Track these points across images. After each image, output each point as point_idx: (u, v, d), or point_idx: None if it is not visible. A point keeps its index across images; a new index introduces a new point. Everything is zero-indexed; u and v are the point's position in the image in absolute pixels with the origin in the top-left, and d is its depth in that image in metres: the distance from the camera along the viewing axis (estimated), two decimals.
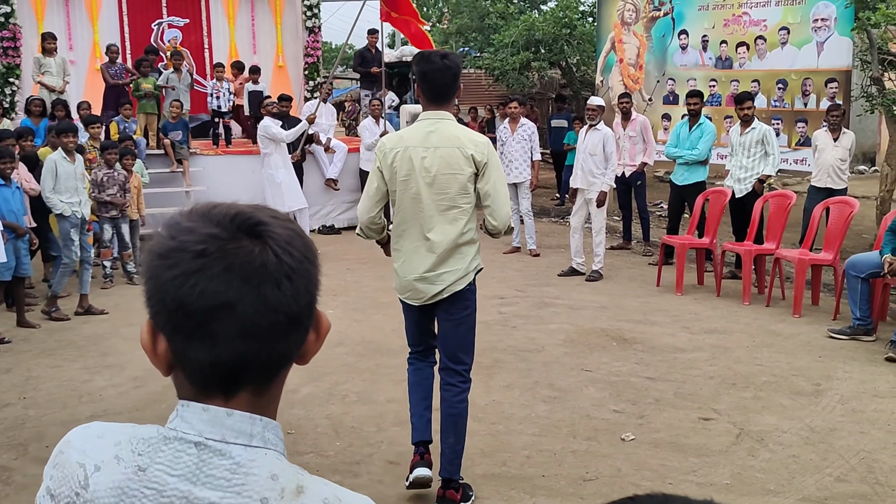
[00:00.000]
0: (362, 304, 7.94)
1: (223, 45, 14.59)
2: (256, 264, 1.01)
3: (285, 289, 1.02)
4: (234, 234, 1.02)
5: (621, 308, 7.71)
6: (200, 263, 0.99)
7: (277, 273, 1.02)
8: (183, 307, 0.99)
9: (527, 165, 10.20)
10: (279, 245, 1.03)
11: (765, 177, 8.60)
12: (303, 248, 1.06)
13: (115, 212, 8.66)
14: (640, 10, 12.57)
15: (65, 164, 7.50)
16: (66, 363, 6.33)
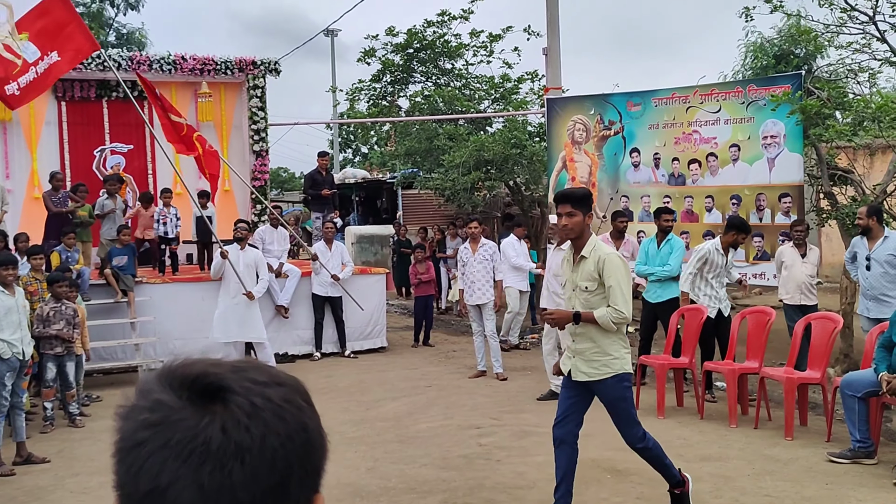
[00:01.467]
0: (331, 441, 7.35)
1: (168, 170, 14.18)
2: (198, 441, 0.85)
3: (233, 472, 0.85)
4: (185, 402, 0.88)
5: (606, 435, 7.27)
6: (141, 437, 0.87)
7: (223, 452, 0.85)
8: (121, 488, 0.89)
9: (490, 286, 9.94)
10: (236, 417, 0.87)
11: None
12: (274, 421, 0.89)
13: (61, 349, 8.03)
14: (591, 130, 12.72)
15: (3, 299, 6.91)
16: None
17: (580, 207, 4.95)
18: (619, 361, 4.98)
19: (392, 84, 17.83)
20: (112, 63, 13.30)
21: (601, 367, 4.97)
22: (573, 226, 4.93)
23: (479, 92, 17.60)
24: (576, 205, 4.95)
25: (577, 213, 4.93)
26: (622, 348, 5.02)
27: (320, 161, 13.53)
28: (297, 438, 0.92)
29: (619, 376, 4.98)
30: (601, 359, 4.97)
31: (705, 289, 8.47)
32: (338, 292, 11.63)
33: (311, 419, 0.97)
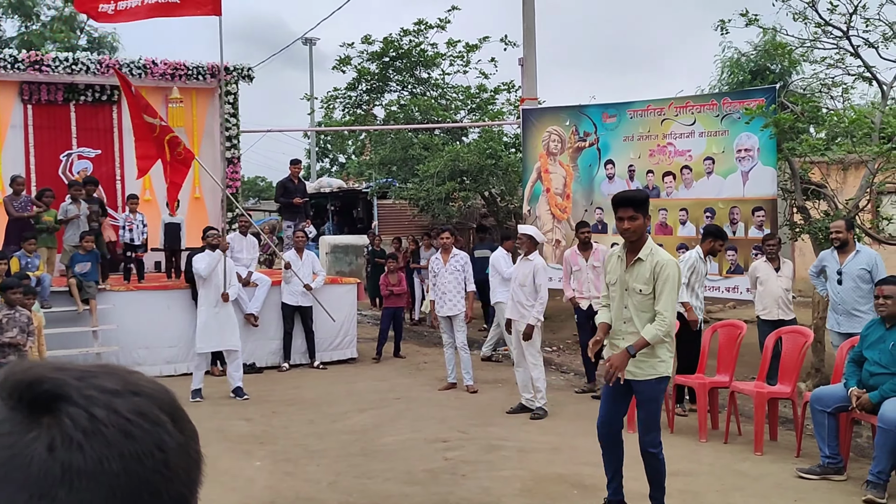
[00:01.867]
0: (293, 454, 7.20)
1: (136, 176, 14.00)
2: (16, 462, 0.70)
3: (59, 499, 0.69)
4: (13, 413, 0.73)
5: (575, 449, 7.19)
6: None
7: (45, 476, 0.70)
8: None
9: (461, 297, 9.80)
10: (67, 433, 0.71)
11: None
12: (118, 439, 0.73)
13: (14, 356, 7.78)
14: (566, 141, 12.64)
15: None
16: None
17: (641, 210, 5.11)
18: (664, 365, 5.19)
19: (368, 93, 17.69)
20: (81, 67, 13.15)
21: (648, 368, 5.16)
22: (635, 228, 5.07)
23: (455, 102, 17.50)
24: (637, 208, 5.10)
25: (639, 217, 5.08)
26: (668, 353, 5.23)
27: (292, 169, 13.36)
28: (148, 460, 0.75)
29: (661, 378, 5.21)
30: (649, 360, 5.15)
31: (693, 299, 8.39)
32: (308, 302, 11.44)
33: (172, 436, 0.78)
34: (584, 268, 9.78)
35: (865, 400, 6.11)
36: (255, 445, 7.48)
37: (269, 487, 6.30)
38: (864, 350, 6.41)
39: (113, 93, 13.78)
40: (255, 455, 7.16)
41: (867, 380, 6.26)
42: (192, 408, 9.06)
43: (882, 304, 6.29)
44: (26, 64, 12.84)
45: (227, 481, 6.46)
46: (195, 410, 8.90)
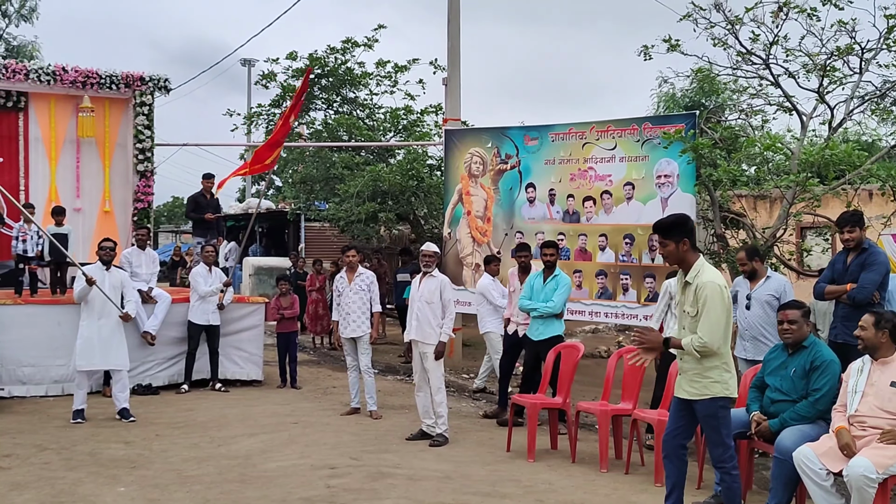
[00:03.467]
0: (164, 479, 6.65)
1: (42, 186, 13.37)
2: None
3: None
4: None
5: (467, 478, 6.78)
6: None
7: None
8: None
9: (366, 318, 9.36)
10: None
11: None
12: None
13: None
14: (488, 163, 12.37)
15: None
16: None
17: (669, 237, 5.17)
18: (719, 385, 5.14)
19: None
20: None
21: (701, 388, 5.16)
22: (667, 255, 5.24)
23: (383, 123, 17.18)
24: (664, 235, 5.19)
25: (669, 243, 5.17)
26: (725, 373, 5.15)
27: (205, 183, 12.82)
28: None
29: (716, 399, 5.15)
30: (701, 381, 5.16)
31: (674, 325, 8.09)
32: (217, 321, 10.89)
33: None
34: (518, 290, 9.39)
35: (765, 427, 5.85)
36: (125, 470, 6.91)
37: None
38: (765, 376, 6.16)
39: (20, 99, 13.15)
40: (121, 480, 6.60)
41: (768, 406, 6.01)
42: (70, 429, 8.45)
43: (787, 329, 6.04)
44: None
45: None
46: (72, 432, 8.31)
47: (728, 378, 5.16)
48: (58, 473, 6.77)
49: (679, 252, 5.16)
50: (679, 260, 5.20)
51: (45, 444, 7.80)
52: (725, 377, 5.15)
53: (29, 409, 9.47)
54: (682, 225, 5.22)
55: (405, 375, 12.53)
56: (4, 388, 9.90)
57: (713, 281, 5.09)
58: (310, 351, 15.43)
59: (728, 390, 5.16)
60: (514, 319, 9.44)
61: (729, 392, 5.18)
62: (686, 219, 5.38)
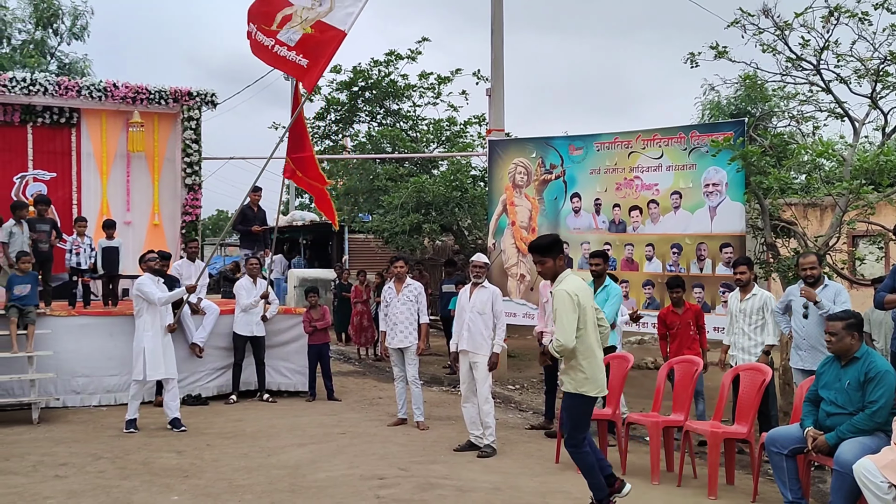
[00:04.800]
0: (216, 488, 6.71)
1: (94, 201, 13.59)
2: None
3: None
4: None
5: (516, 489, 6.74)
6: None
7: None
8: None
9: (413, 329, 9.36)
10: None
11: (768, 347, 7.95)
12: None
13: None
14: (532, 173, 12.34)
15: None
16: None
17: (548, 255, 5.83)
18: (574, 383, 5.79)
19: (336, 123, 17.41)
20: (39, 88, 12.80)
21: (565, 382, 5.87)
22: (545, 271, 5.90)
23: (426, 135, 17.22)
24: (543, 254, 5.84)
25: (547, 261, 5.84)
26: (580, 373, 5.76)
27: (252, 196, 12.96)
28: None
29: (572, 395, 5.82)
30: (564, 377, 5.90)
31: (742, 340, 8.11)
32: (261, 332, 11.00)
33: None
34: (551, 300, 9.32)
35: (822, 442, 5.71)
36: (178, 479, 6.99)
37: None
38: (819, 389, 6.02)
39: (72, 115, 13.40)
40: (174, 489, 6.67)
41: (824, 420, 5.87)
42: (123, 439, 8.57)
43: (829, 340, 5.93)
44: None
45: None
46: (126, 442, 8.44)
47: (581, 378, 5.75)
48: (113, 482, 6.87)
49: (556, 268, 5.83)
50: (554, 275, 5.83)
51: (99, 453, 7.92)
52: (581, 377, 5.74)
53: (83, 418, 9.63)
54: (558, 244, 5.90)
55: (450, 386, 12.52)
56: (59, 398, 10.09)
57: (562, 288, 5.70)
58: (355, 362, 15.49)
59: (583, 388, 5.76)
60: (549, 330, 9.36)
61: (583, 391, 5.76)
62: (558, 238, 6.07)
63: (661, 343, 8.97)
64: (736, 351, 8.12)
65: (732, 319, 8.23)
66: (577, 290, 5.72)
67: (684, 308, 8.60)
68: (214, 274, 21.68)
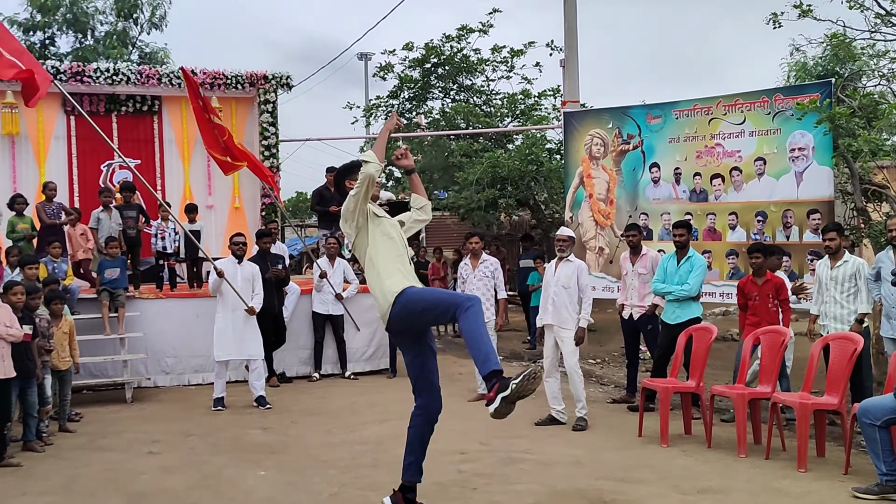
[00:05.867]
0: (302, 464, 6.84)
1: (177, 186, 13.99)
2: None
3: None
4: None
5: (600, 463, 6.67)
6: None
7: None
8: None
9: (491, 304, 9.34)
10: None
11: (862, 315, 7.65)
12: None
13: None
14: (609, 144, 12.13)
15: None
16: None
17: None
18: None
19: (410, 100, 17.42)
20: (122, 77, 13.17)
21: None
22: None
23: (500, 110, 17.09)
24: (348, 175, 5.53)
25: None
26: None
27: (328, 177, 13.06)
28: None
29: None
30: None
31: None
32: (339, 311, 11.14)
33: None
34: (630, 273, 9.23)
35: None
36: (265, 455, 7.15)
37: (268, 498, 5.95)
38: None
39: (154, 103, 13.78)
40: (262, 465, 6.83)
41: None
42: (212, 416, 8.81)
43: None
44: (68, 75, 12.90)
45: (226, 490, 6.15)
46: (214, 419, 8.67)
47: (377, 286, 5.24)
48: (203, 457, 7.07)
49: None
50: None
51: (189, 430, 8.16)
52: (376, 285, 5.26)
53: (173, 397, 9.94)
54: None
55: (530, 361, 12.48)
56: (150, 378, 10.44)
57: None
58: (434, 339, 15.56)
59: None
60: (629, 303, 9.24)
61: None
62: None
63: (741, 314, 8.63)
64: (827, 320, 7.84)
65: (822, 288, 7.95)
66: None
67: (764, 278, 8.30)
68: (296, 255, 22.04)
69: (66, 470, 6.83)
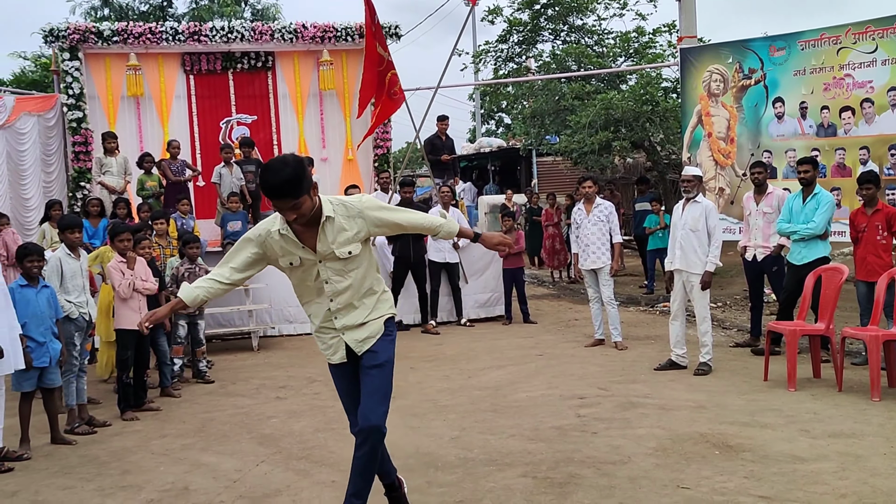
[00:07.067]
0: (421, 409, 6.97)
1: (292, 140, 14.26)
2: None
3: None
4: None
5: (723, 408, 6.52)
6: None
7: None
8: None
9: (606, 249, 9.19)
10: None
11: None
12: None
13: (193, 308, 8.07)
14: (729, 80, 11.63)
15: (70, 262, 6.84)
16: (81, 483, 5.52)
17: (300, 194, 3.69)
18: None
19: (519, 44, 17.11)
20: (237, 35, 13.45)
21: None
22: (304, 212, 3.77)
23: (613, 49, 16.60)
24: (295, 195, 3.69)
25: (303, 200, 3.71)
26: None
27: (439, 125, 13.09)
28: None
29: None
30: None
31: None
32: (455, 259, 11.21)
33: None
34: (754, 213, 8.87)
35: None
36: None
37: (390, 442, 5.98)
38: None
39: (268, 59, 14.02)
40: None
41: None
42: None
43: None
44: (186, 35, 13.28)
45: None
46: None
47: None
48: (327, 403, 7.29)
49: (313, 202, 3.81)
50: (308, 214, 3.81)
51: (313, 376, 8.43)
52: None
53: (296, 345, 10.28)
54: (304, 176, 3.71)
55: (647, 306, 12.28)
56: (274, 327, 10.81)
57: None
58: (549, 285, 15.52)
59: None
60: (753, 244, 8.88)
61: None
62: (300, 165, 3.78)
63: (854, 248, 8.15)
64: None
65: None
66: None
67: (875, 208, 7.77)
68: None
69: (200, 413, 7.19)
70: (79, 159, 12.72)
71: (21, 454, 6.15)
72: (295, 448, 6.02)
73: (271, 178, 3.65)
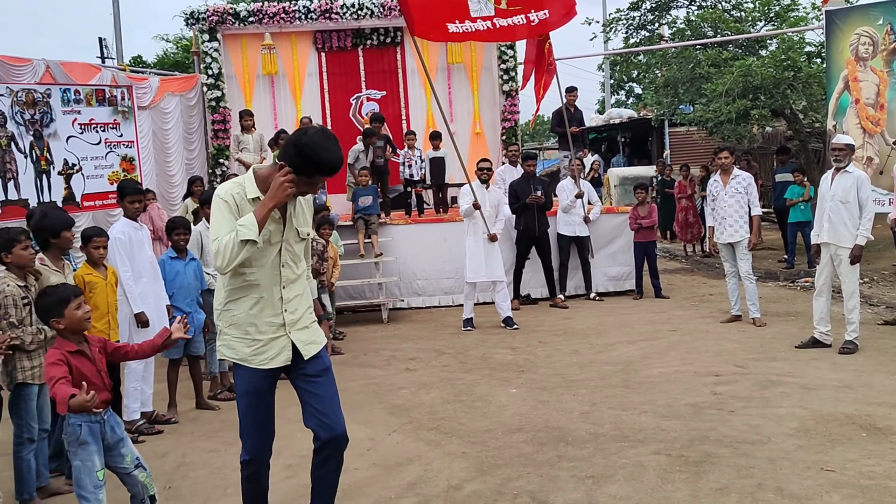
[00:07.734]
0: (551, 383, 6.92)
1: (420, 115, 14.38)
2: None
3: None
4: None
5: (870, 388, 6.18)
6: None
7: None
8: None
9: (744, 222, 8.83)
10: None
11: None
12: None
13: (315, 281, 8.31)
14: (879, 43, 10.91)
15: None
16: (224, 447, 5.78)
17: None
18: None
19: (652, 11, 16.58)
20: (366, 11, 13.62)
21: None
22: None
23: (752, 13, 15.85)
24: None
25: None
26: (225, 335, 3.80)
27: (568, 97, 12.85)
28: None
29: None
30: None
31: None
32: (585, 232, 11.05)
33: None
34: None
35: None
36: (514, 373, 7.31)
37: (519, 414, 6.08)
38: None
39: (396, 35, 14.14)
40: (512, 383, 6.99)
41: None
42: (461, 336, 9.13)
43: None
44: (318, 13, 13.56)
45: (480, 406, 6.35)
46: (464, 339, 8.97)
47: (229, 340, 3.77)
48: (456, 375, 7.35)
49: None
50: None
51: (442, 349, 8.52)
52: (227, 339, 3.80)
53: (425, 318, 10.41)
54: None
55: (787, 281, 11.77)
56: (404, 299, 10.99)
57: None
58: (681, 259, 15.11)
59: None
60: None
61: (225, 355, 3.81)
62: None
63: None
64: None
65: None
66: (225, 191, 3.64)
67: None
68: None
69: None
70: (218, 137, 13.25)
71: (169, 417, 6.50)
72: (425, 419, 6.09)
73: (334, 157, 3.47)
